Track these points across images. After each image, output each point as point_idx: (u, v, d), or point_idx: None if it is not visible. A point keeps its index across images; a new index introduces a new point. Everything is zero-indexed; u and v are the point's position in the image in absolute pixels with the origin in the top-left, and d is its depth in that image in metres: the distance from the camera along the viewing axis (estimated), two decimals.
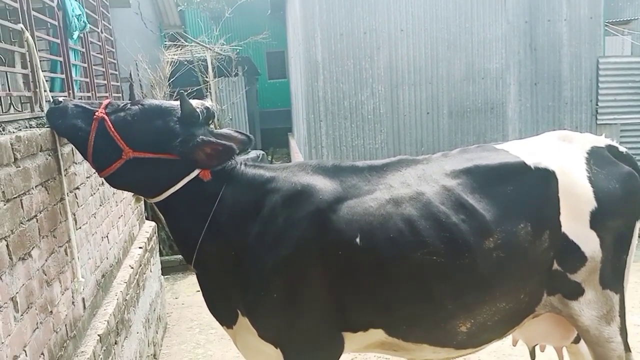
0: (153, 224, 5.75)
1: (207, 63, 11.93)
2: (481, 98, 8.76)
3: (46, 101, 2.92)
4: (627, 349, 2.83)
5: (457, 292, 2.54)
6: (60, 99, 2.72)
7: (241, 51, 14.30)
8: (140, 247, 4.81)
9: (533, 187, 2.64)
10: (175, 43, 12.19)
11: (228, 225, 2.59)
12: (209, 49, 12.22)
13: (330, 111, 8.59)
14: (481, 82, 8.73)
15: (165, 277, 6.25)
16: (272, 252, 2.51)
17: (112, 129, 2.53)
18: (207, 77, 11.98)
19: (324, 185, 2.59)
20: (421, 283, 2.52)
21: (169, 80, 8.96)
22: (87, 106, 2.64)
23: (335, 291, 2.50)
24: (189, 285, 6.88)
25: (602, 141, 2.88)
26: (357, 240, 2.47)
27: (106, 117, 2.56)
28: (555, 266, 2.66)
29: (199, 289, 6.84)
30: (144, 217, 5.74)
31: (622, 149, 2.89)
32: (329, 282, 2.49)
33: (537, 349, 3.21)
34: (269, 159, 14.72)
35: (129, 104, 2.64)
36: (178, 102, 2.62)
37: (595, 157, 2.77)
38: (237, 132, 2.82)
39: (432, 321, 2.59)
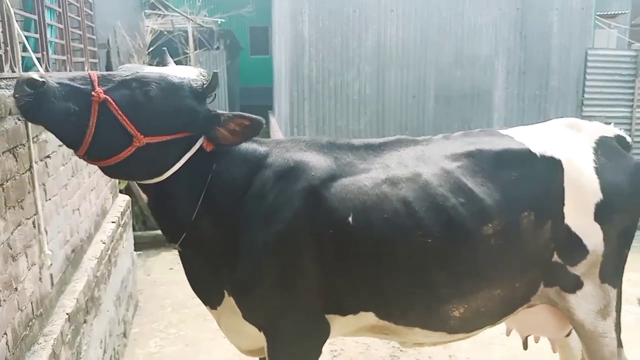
0: (127, 197, 5.51)
1: (188, 34, 11.54)
2: (468, 84, 8.64)
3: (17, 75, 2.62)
4: (620, 344, 2.78)
5: (452, 277, 2.47)
6: (35, 75, 2.03)
7: (223, 24, 13.89)
8: (112, 222, 4.59)
9: (538, 175, 2.55)
10: (155, 12, 11.76)
11: (220, 202, 2.42)
12: (191, 19, 11.83)
13: (315, 89, 8.39)
14: (469, 68, 8.61)
15: (138, 253, 6.04)
16: (262, 229, 2.38)
17: (120, 113, 2.15)
18: (187, 49, 11.61)
19: (318, 162, 2.47)
20: (415, 266, 2.44)
21: (148, 50, 8.61)
22: (75, 84, 2.12)
23: (326, 272, 2.40)
24: (162, 263, 6.67)
25: (610, 131, 2.79)
26: (350, 219, 2.37)
27: (109, 99, 2.14)
28: (555, 258, 2.58)
29: (172, 266, 6.64)
30: (118, 190, 5.49)
31: (629, 139, 2.81)
32: (319, 263, 2.38)
33: (532, 339, 3.15)
34: None
35: (132, 82, 2.22)
36: (180, 72, 2.34)
37: (603, 147, 2.67)
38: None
39: (425, 305, 2.52)
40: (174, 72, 2.37)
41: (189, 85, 2.31)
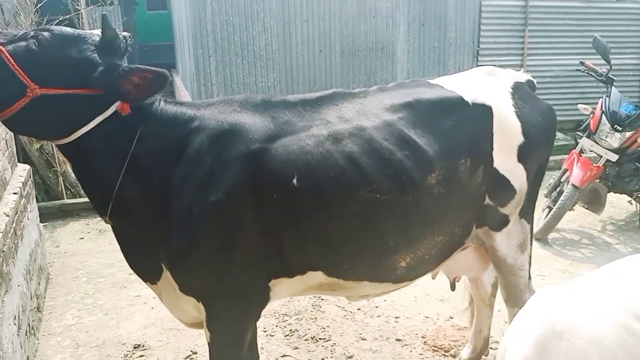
0: (27, 167, 5.19)
1: None
2: (372, 37, 8.77)
3: None
4: (529, 276, 3.05)
5: (400, 229, 2.51)
6: None
7: None
8: (14, 193, 4.33)
9: (472, 122, 2.63)
10: None
11: (148, 168, 2.32)
12: None
13: (220, 46, 8.18)
14: (372, 21, 8.73)
15: (44, 224, 5.75)
16: (197, 198, 2.29)
17: (11, 61, 2.11)
18: (78, 5, 10.81)
19: (254, 123, 2.38)
20: (364, 222, 2.43)
21: (35, 7, 7.94)
22: None
23: (270, 237, 2.36)
24: (70, 233, 6.40)
25: (522, 77, 2.96)
26: (294, 181, 2.30)
27: (1, 48, 2.12)
28: (487, 201, 2.71)
29: (81, 236, 6.40)
30: (16, 160, 5.16)
31: (535, 82, 3.01)
32: (262, 229, 2.34)
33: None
34: None
35: (31, 32, 2.21)
36: (92, 31, 2.28)
37: (518, 92, 2.83)
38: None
39: (374, 258, 2.55)
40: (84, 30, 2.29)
41: (89, 38, 2.24)
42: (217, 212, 2.30)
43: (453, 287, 3.30)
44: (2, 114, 2.17)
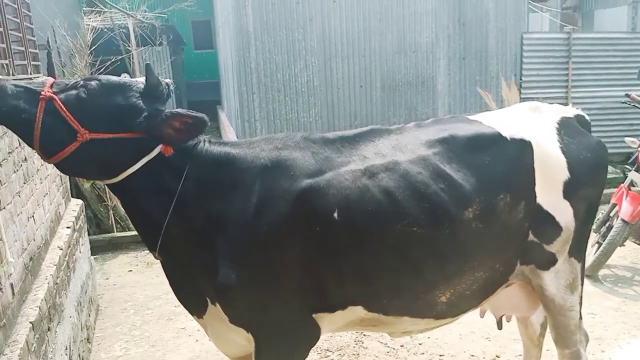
0: (80, 201, 5.41)
1: (129, 31, 11.27)
2: (412, 72, 8.87)
3: None
4: (580, 316, 2.93)
5: (437, 263, 2.50)
6: None
7: (164, 19, 13.64)
8: (68, 227, 4.52)
9: (510, 158, 2.61)
10: (93, 9, 11.41)
11: (195, 206, 2.41)
12: (131, 15, 11.55)
13: (263, 83, 8.41)
14: (412, 56, 8.83)
15: (94, 257, 5.94)
16: (244, 232, 2.36)
17: (64, 109, 2.25)
18: (129, 46, 11.34)
19: (295, 160, 2.45)
20: (402, 255, 2.45)
21: (89, 49, 8.39)
22: (29, 86, 2.29)
23: (312, 270, 2.40)
24: (119, 265, 6.59)
25: (570, 111, 2.89)
26: (335, 215, 2.36)
27: (55, 97, 2.26)
28: (531, 237, 2.65)
29: (130, 269, 6.56)
30: (70, 195, 5.39)
31: (587, 117, 2.93)
32: (305, 261, 2.38)
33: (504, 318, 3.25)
34: None
35: (81, 81, 2.35)
36: (136, 78, 2.41)
37: (565, 127, 2.77)
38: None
39: (412, 293, 2.54)
40: (129, 78, 2.42)
41: (133, 85, 2.37)
42: (263, 247, 2.37)
43: (500, 326, 3.21)
44: (54, 158, 2.29)
